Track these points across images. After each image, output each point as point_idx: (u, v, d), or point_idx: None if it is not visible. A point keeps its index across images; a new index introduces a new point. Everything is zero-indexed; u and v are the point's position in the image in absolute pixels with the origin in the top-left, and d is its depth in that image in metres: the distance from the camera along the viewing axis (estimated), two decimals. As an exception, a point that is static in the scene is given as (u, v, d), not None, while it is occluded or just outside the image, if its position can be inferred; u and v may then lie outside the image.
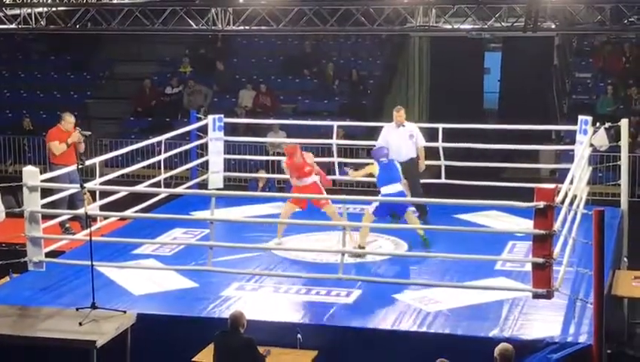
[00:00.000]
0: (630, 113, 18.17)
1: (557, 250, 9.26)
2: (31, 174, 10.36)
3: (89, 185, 11.19)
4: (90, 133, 11.87)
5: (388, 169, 11.72)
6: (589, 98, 20.80)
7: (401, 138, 12.73)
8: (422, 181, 13.16)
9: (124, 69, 23.73)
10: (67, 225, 12.31)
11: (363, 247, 11.26)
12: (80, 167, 10.67)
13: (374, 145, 12.79)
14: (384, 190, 11.60)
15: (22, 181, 10.33)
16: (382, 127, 13.18)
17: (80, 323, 8.99)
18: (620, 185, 13.15)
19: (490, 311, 9.40)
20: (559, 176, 15.66)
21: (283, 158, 12.75)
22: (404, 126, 12.81)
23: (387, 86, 22.71)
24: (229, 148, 15.15)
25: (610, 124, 13.27)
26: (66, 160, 12.33)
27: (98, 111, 22.70)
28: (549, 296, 9.09)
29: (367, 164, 12.47)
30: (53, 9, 16.73)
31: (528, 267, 9.39)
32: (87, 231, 9.87)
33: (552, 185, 9.21)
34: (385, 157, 11.84)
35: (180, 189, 13.56)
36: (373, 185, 13.52)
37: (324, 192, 12.00)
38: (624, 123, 13.03)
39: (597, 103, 19.98)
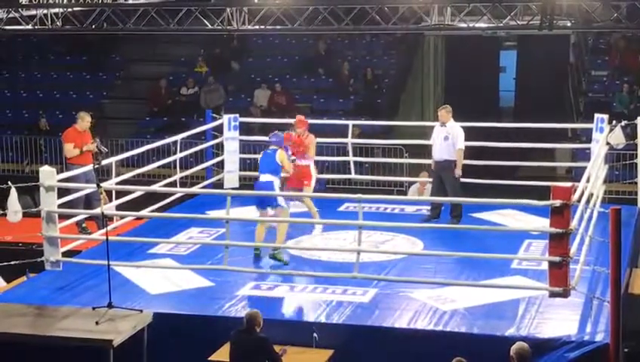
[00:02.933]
0: (647, 111, 18.09)
1: (573, 248, 9.23)
2: (48, 174, 10.41)
3: (105, 184, 11.23)
4: (107, 150, 11.86)
5: (264, 157, 11.56)
6: (605, 96, 20.73)
7: (438, 137, 12.79)
8: (426, 180, 13.26)
9: (140, 69, 23.81)
10: (84, 225, 12.37)
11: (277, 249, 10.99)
12: (96, 167, 10.71)
13: (390, 144, 12.81)
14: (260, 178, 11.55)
15: (38, 181, 10.38)
16: (396, 125, 13.22)
17: (97, 323, 9.02)
18: (636, 183, 13.11)
19: (507, 309, 9.38)
20: (575, 175, 15.63)
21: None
22: (444, 126, 12.80)
23: (402, 85, 22.70)
24: (245, 147, 15.17)
25: (626, 121, 13.21)
26: (83, 160, 12.41)
27: (114, 111, 22.78)
28: (565, 294, 9.07)
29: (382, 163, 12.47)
30: (69, 9, 16.78)
31: (545, 265, 9.37)
32: (104, 230, 9.90)
33: (568, 184, 9.19)
34: (273, 145, 11.61)
35: (195, 189, 13.59)
36: (382, 184, 13.59)
37: (313, 179, 12.14)
38: (641, 121, 12.99)
39: (613, 101, 19.91)
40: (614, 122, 12.89)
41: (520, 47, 24.72)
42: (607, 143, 12.64)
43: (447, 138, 12.70)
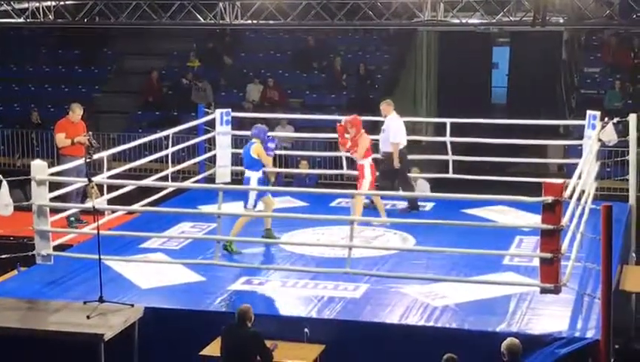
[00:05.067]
0: (638, 108, 18.10)
1: (565, 245, 9.25)
2: (39, 168, 10.39)
3: (96, 178, 11.20)
4: (99, 145, 11.83)
5: (244, 151, 11.66)
6: (598, 93, 20.74)
7: (381, 130, 13.18)
8: (417, 175, 13.35)
9: (132, 64, 23.73)
10: (72, 218, 12.30)
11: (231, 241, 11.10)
12: (88, 160, 10.68)
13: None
14: None
15: (30, 175, 10.36)
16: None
17: (88, 317, 9.01)
18: (628, 180, 13.13)
19: (498, 305, 9.39)
20: (567, 171, 15.63)
21: (290, 153, 12.77)
22: (385, 118, 13.19)
23: (395, 80, 22.67)
24: (237, 142, 15.16)
25: (618, 118, 13.24)
26: (75, 151, 12.42)
27: (106, 105, 22.71)
28: (556, 291, 9.09)
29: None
30: (62, 3, 16.75)
31: (536, 262, 9.39)
32: (95, 225, 9.88)
33: (560, 180, 9.20)
34: (253, 138, 11.65)
35: (187, 183, 13.57)
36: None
37: (366, 180, 12.25)
38: (632, 118, 13.00)
39: (605, 98, 19.94)
40: (606, 119, 12.91)
41: (513, 44, 24.70)
42: (599, 140, 12.66)
43: (384, 131, 13.03)
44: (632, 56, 21.08)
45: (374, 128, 13.82)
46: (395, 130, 12.98)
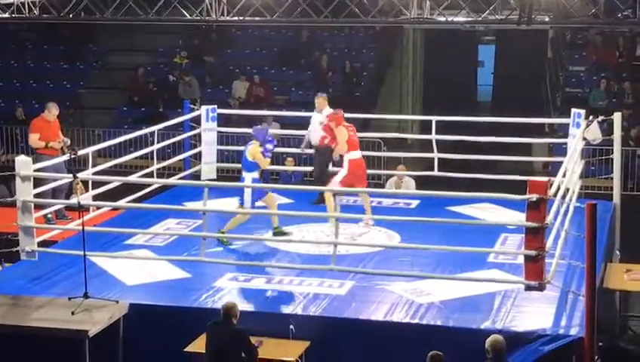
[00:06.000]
0: (623, 106, 18.20)
1: (549, 242, 9.28)
2: (24, 164, 10.35)
3: (81, 175, 11.16)
4: (77, 148, 11.74)
5: (243, 152, 11.69)
6: (583, 91, 20.84)
7: (314, 124, 13.40)
8: (403, 173, 13.43)
9: (118, 59, 23.68)
10: (49, 216, 12.23)
11: (223, 232, 11.19)
12: (73, 157, 10.65)
13: (367, 137, 12.83)
14: None
15: (14, 170, 10.32)
16: (375, 119, 13.27)
17: (72, 313, 8.99)
18: (612, 178, 13.18)
19: (482, 303, 9.42)
20: (552, 169, 15.70)
21: (275, 150, 12.70)
22: (321, 113, 13.30)
23: (381, 78, 22.72)
24: (223, 139, 15.13)
25: (603, 117, 13.29)
26: (50, 151, 12.38)
27: (91, 101, 22.66)
28: (541, 288, 9.12)
29: None
30: (47, -2, 16.67)
31: (521, 259, 9.42)
32: (79, 221, 9.86)
33: (544, 178, 9.23)
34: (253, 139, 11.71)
35: (172, 180, 13.55)
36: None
37: (340, 174, 12.15)
38: (617, 116, 13.04)
39: (590, 96, 20.01)
40: (591, 117, 12.96)
41: (498, 42, 24.81)
42: (584, 138, 12.69)
43: (322, 124, 13.06)
44: (617, 54, 21.19)
45: (365, 125, 13.83)
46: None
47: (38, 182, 11.04)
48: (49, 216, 12.17)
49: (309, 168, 16.06)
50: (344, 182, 11.99)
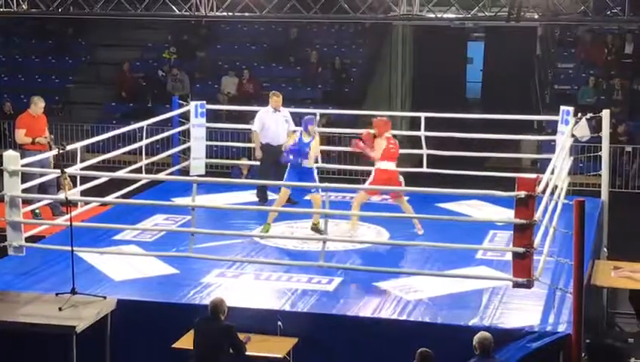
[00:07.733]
0: (611, 104, 18.25)
1: (537, 239, 9.29)
2: (12, 159, 10.31)
3: (69, 170, 11.12)
4: (63, 146, 11.67)
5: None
6: (571, 88, 20.87)
7: (275, 122, 13.23)
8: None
9: (106, 54, 23.60)
10: (37, 211, 12.20)
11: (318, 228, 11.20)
12: (61, 151, 10.60)
13: (357, 133, 12.77)
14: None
15: (2, 165, 10.27)
16: (363, 115, 13.22)
17: (60, 309, 8.95)
18: (600, 175, 13.21)
19: (470, 299, 9.43)
20: (540, 166, 15.71)
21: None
22: (278, 111, 13.26)
23: (370, 74, 22.70)
24: (212, 134, 15.11)
25: (591, 114, 13.32)
26: (36, 146, 12.32)
27: (79, 96, 22.60)
28: (529, 285, 9.13)
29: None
30: (35, -8, 16.64)
31: (509, 256, 9.43)
32: (67, 216, 9.82)
33: (533, 175, 9.25)
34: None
35: (161, 175, 13.52)
36: (348, 173, 13.53)
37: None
38: (605, 114, 13.07)
39: (579, 94, 20.05)
40: (580, 115, 12.99)
41: (487, 39, 24.80)
42: (573, 136, 12.73)
43: (288, 121, 13.21)
44: (605, 52, 21.22)
45: (356, 121, 13.79)
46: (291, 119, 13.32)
47: (25, 178, 11.00)
48: (37, 211, 12.13)
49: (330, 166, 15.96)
50: (368, 191, 11.85)
